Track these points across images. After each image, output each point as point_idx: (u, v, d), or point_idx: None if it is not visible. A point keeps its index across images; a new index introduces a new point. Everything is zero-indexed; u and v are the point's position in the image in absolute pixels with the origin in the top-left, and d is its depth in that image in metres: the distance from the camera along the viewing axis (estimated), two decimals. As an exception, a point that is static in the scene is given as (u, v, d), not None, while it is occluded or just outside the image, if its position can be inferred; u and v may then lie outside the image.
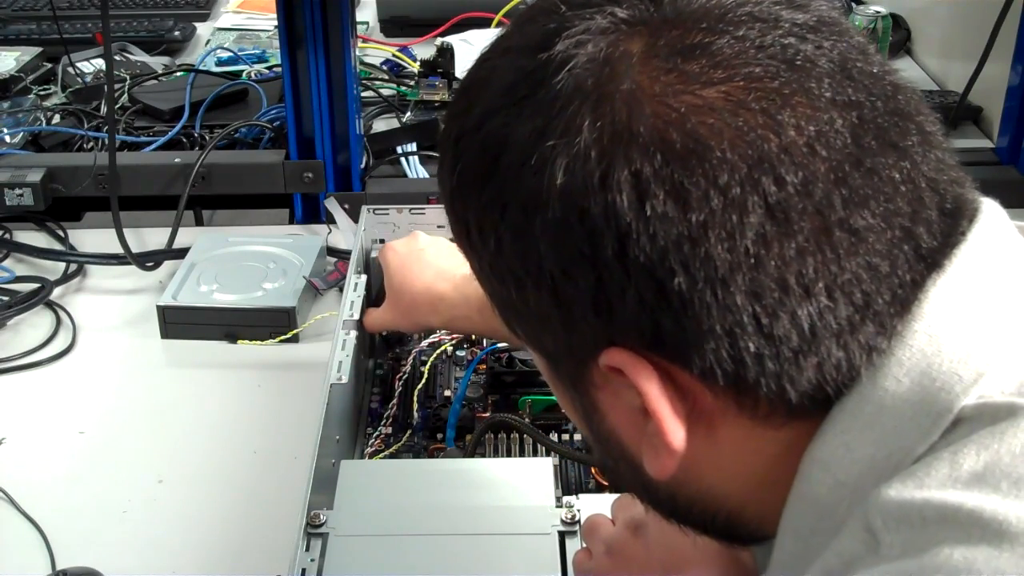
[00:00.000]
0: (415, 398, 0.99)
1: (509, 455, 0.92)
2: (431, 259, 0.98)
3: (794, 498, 0.46)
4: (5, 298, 1.19)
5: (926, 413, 0.42)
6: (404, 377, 1.01)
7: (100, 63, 1.62)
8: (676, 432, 0.45)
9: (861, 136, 0.43)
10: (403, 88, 1.64)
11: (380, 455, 0.93)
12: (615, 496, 0.82)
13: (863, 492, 0.43)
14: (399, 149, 1.44)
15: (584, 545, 0.73)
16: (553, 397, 0.96)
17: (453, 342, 1.05)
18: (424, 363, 1.03)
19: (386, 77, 1.69)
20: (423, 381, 1.01)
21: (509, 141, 0.45)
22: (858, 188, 0.42)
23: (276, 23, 1.33)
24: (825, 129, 0.42)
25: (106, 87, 1.21)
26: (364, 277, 1.04)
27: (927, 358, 0.43)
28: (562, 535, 0.74)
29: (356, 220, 1.14)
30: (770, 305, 0.42)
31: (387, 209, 1.07)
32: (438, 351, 1.04)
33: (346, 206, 1.32)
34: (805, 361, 0.43)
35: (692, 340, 0.43)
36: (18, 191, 1.30)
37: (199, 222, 1.43)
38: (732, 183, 0.41)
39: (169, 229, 1.27)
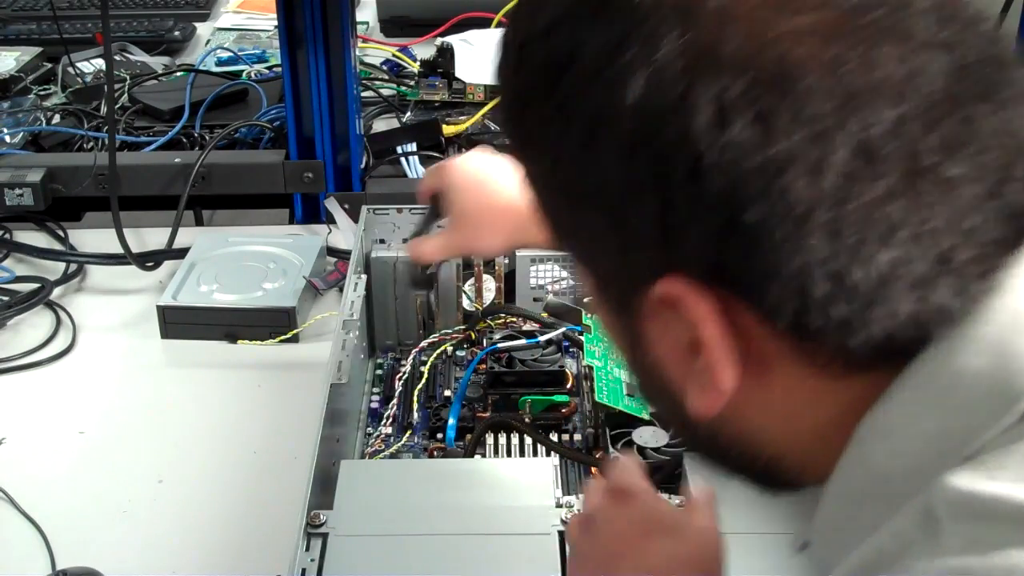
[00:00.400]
0: (415, 398, 0.99)
1: (509, 455, 0.92)
2: (509, 174, 0.88)
3: (848, 462, 0.44)
4: (5, 298, 1.19)
5: (1001, 395, 0.40)
6: (404, 377, 1.01)
7: (100, 63, 1.62)
8: (727, 371, 0.42)
9: (957, 81, 0.40)
10: (403, 88, 1.64)
11: (380, 455, 0.93)
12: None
13: (922, 467, 0.41)
14: (399, 149, 1.44)
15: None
16: (553, 397, 0.97)
17: (453, 342, 1.06)
18: (424, 363, 1.03)
19: (386, 77, 1.70)
20: (423, 381, 1.01)
21: (580, 51, 0.42)
22: (950, 135, 0.39)
23: (276, 23, 1.33)
24: (921, 69, 0.39)
25: (106, 87, 1.21)
26: (364, 277, 1.04)
27: (1009, 336, 0.40)
28: (562, 535, 0.74)
29: (356, 220, 1.14)
30: (846, 248, 0.39)
31: (387, 209, 1.07)
32: (438, 351, 1.04)
33: (346, 206, 1.32)
34: (874, 312, 0.40)
35: (758, 277, 0.40)
36: (18, 191, 1.30)
37: (199, 222, 1.43)
38: (820, 115, 0.38)
39: (169, 229, 1.27)
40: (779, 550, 0.72)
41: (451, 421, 0.94)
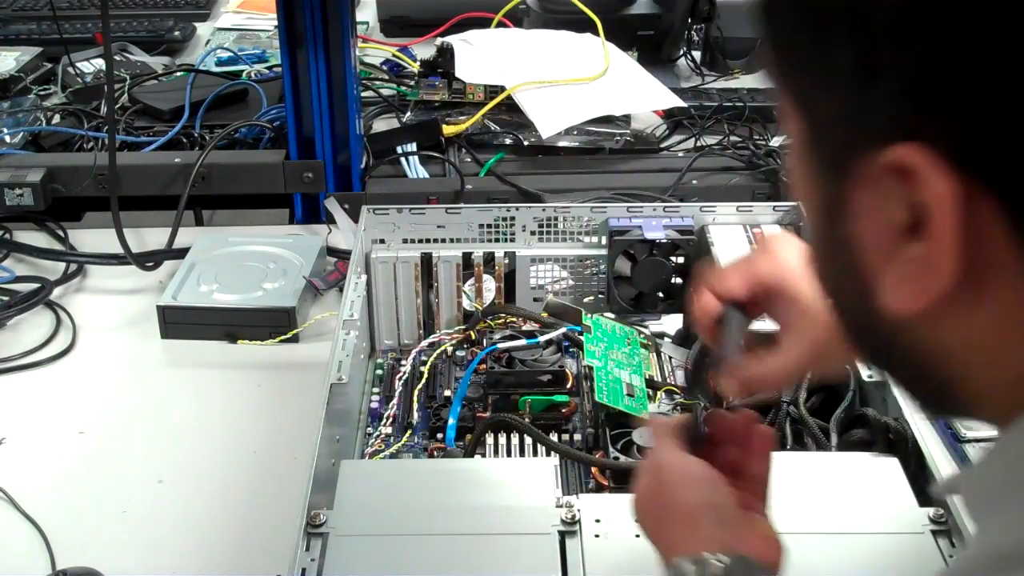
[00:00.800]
0: (415, 398, 0.99)
1: (509, 455, 0.92)
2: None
3: None
4: (5, 298, 1.19)
5: None
6: (404, 377, 1.01)
7: (100, 63, 1.62)
8: (949, 268, 0.37)
9: None
10: (403, 88, 1.64)
11: (380, 455, 0.93)
12: (615, 496, 0.82)
13: None
14: (399, 149, 1.44)
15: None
16: (553, 397, 0.96)
17: (453, 342, 1.06)
18: (424, 363, 1.03)
19: (386, 77, 1.70)
20: (423, 381, 1.01)
21: None
22: None
23: (276, 23, 1.33)
24: None
25: (106, 87, 1.21)
26: (364, 277, 1.04)
27: None
28: (562, 535, 0.74)
29: (356, 220, 1.14)
30: None
31: (387, 209, 1.07)
32: (438, 351, 1.04)
33: (346, 206, 1.33)
34: None
35: (1020, 162, 0.34)
36: (18, 191, 1.30)
37: (199, 222, 1.43)
38: None
39: (169, 229, 1.27)
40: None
41: (451, 421, 0.94)
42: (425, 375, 1.01)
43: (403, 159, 1.43)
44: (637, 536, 0.73)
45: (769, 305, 0.69)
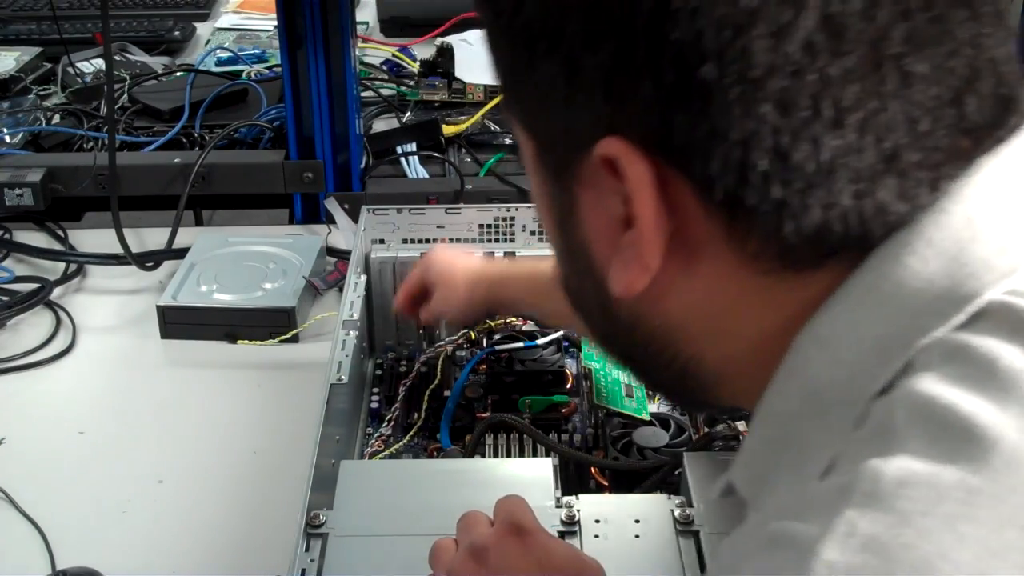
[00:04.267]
0: (415, 398, 0.99)
1: (509, 455, 0.92)
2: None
3: (781, 376, 0.43)
4: (5, 298, 1.19)
5: (950, 299, 0.39)
6: (404, 377, 1.01)
7: (100, 63, 1.62)
8: (655, 246, 0.41)
9: None
10: (403, 88, 1.64)
11: (380, 455, 0.93)
12: (615, 496, 0.83)
13: (863, 376, 0.40)
14: (399, 149, 1.44)
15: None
16: (553, 397, 0.97)
17: (453, 342, 1.06)
18: (424, 363, 1.03)
19: (386, 77, 1.70)
20: (423, 381, 1.01)
21: None
22: (921, 30, 0.39)
23: (276, 23, 1.33)
24: None
25: (106, 87, 1.21)
26: (364, 277, 1.04)
27: (961, 242, 0.39)
28: (562, 535, 0.74)
29: (356, 220, 1.14)
30: (796, 123, 0.38)
31: (387, 209, 1.07)
32: (438, 351, 1.04)
33: (346, 206, 1.33)
34: (813, 197, 0.39)
35: (701, 143, 0.39)
36: (18, 191, 1.30)
37: (199, 222, 1.43)
38: None
39: (169, 229, 1.27)
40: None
41: (443, 421, 0.94)
42: (425, 375, 1.01)
43: (403, 159, 1.43)
44: (637, 536, 0.74)
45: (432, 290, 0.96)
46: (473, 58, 1.59)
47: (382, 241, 1.07)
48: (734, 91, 0.38)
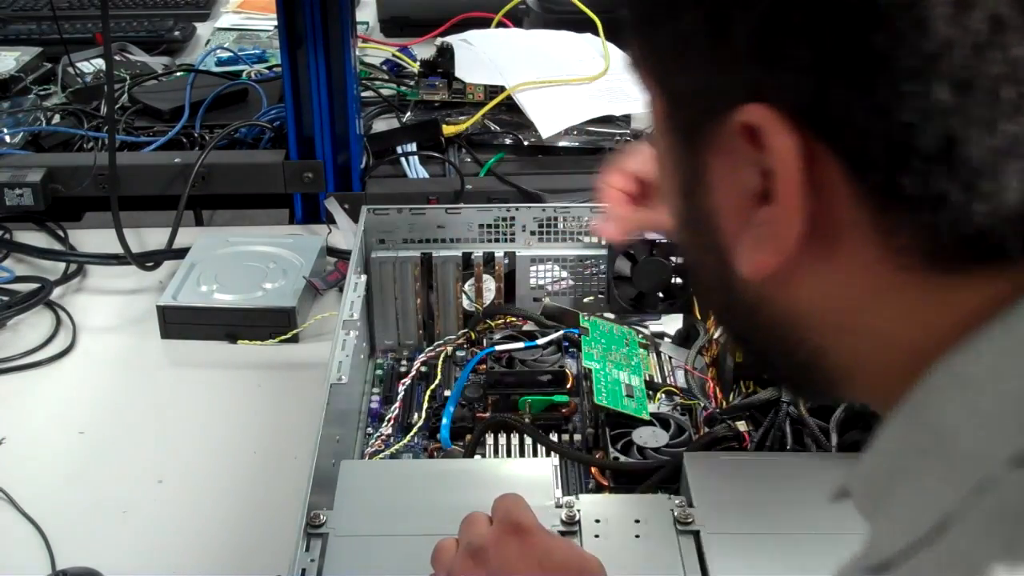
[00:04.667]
0: (415, 398, 0.99)
1: (509, 455, 0.92)
2: None
3: (912, 406, 0.39)
4: (5, 298, 1.19)
5: None
6: (404, 377, 1.01)
7: (100, 63, 1.62)
8: (794, 225, 0.38)
9: None
10: (403, 88, 1.64)
11: (380, 455, 0.93)
12: (615, 496, 0.83)
13: (999, 436, 0.35)
14: (399, 149, 1.44)
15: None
16: (553, 397, 0.96)
17: (453, 342, 1.06)
18: (424, 363, 1.03)
19: (386, 77, 1.70)
20: (423, 381, 1.01)
21: None
22: None
23: (276, 23, 1.33)
24: None
25: (106, 87, 1.21)
26: (364, 277, 1.04)
27: None
28: (562, 535, 0.74)
29: (356, 220, 1.14)
30: (971, 106, 0.34)
31: (387, 209, 1.07)
32: (438, 351, 1.04)
33: (346, 206, 1.33)
34: (978, 191, 0.35)
35: (861, 120, 0.35)
36: (18, 191, 1.30)
37: (199, 222, 1.43)
38: None
39: (169, 229, 1.27)
40: (774, 551, 0.72)
41: (444, 421, 0.94)
42: (425, 375, 1.01)
43: (403, 159, 1.43)
44: (637, 536, 0.74)
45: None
46: (473, 58, 1.59)
47: (382, 241, 1.07)
48: (905, 65, 0.34)
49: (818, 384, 0.45)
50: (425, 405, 0.98)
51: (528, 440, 0.93)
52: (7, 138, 1.41)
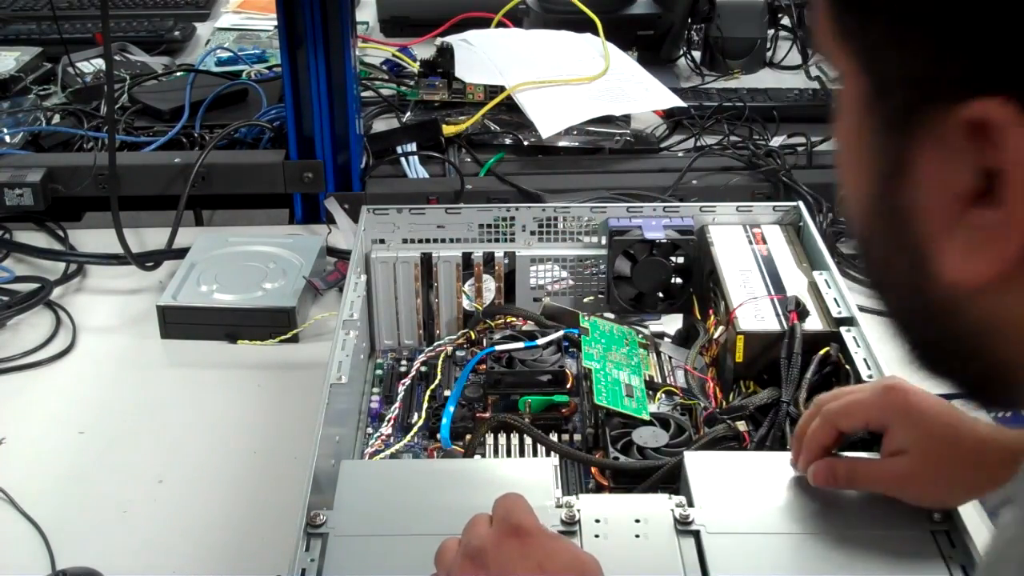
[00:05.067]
0: (415, 398, 0.99)
1: (509, 455, 0.92)
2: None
3: None
4: (5, 298, 1.19)
5: None
6: (404, 377, 1.01)
7: (100, 63, 1.62)
8: (1022, 233, 0.34)
9: None
10: (403, 88, 1.64)
11: (380, 455, 0.93)
12: (615, 496, 0.83)
13: None
14: (399, 149, 1.44)
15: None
16: (553, 397, 0.96)
17: (453, 343, 1.06)
18: (424, 363, 1.03)
19: (386, 77, 1.70)
20: (423, 381, 1.01)
21: None
22: None
23: (276, 23, 1.33)
24: None
25: (106, 87, 1.21)
26: (364, 277, 1.04)
27: None
28: (562, 535, 0.74)
29: (356, 220, 1.14)
30: None
31: (387, 209, 1.07)
32: (438, 351, 1.04)
33: (346, 206, 1.33)
34: None
35: None
36: (18, 191, 1.30)
37: (199, 222, 1.43)
38: None
39: (169, 229, 1.27)
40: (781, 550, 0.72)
41: (444, 421, 0.94)
42: (425, 375, 1.01)
43: (403, 159, 1.43)
44: (637, 536, 0.74)
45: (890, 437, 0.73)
46: (473, 58, 1.59)
47: (382, 241, 1.07)
48: None
49: (997, 393, 0.42)
50: (425, 405, 0.98)
51: (528, 440, 0.92)
52: (7, 138, 1.41)
